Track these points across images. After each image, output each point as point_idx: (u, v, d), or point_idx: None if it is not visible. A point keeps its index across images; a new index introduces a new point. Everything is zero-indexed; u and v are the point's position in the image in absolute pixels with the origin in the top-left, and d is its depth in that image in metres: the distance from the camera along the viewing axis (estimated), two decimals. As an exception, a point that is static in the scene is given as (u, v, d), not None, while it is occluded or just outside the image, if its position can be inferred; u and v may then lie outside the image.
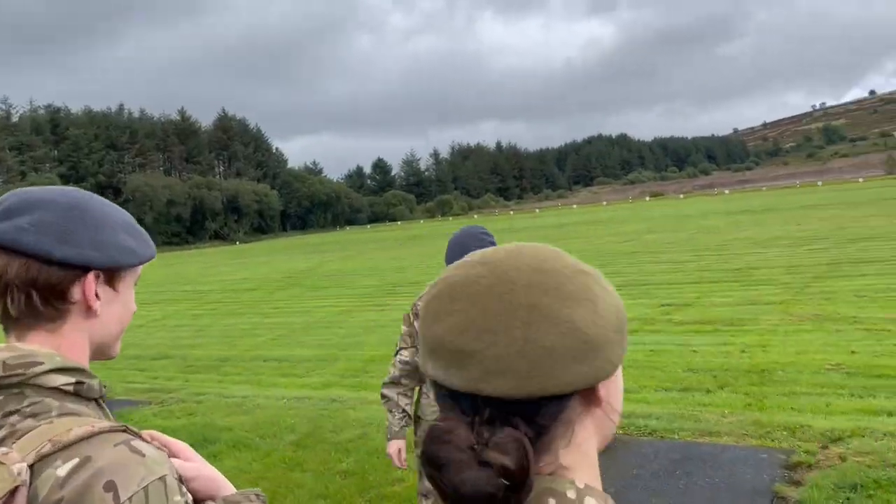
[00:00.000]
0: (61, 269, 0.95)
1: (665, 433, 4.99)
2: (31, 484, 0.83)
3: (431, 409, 2.87)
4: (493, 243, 2.71)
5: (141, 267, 1.07)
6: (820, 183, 79.31)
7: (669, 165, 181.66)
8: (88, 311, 0.99)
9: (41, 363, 0.93)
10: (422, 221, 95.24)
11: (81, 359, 1.00)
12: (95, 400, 0.99)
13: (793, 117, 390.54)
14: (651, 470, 4.04)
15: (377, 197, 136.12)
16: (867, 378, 6.23)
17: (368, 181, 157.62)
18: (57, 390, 0.93)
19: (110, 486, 0.83)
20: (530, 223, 54.72)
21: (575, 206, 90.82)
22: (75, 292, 0.97)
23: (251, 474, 5.13)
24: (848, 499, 3.28)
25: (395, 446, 2.87)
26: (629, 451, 4.52)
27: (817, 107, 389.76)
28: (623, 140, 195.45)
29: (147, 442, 0.93)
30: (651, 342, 8.71)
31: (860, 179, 75.92)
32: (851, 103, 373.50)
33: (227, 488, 1.06)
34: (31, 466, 0.84)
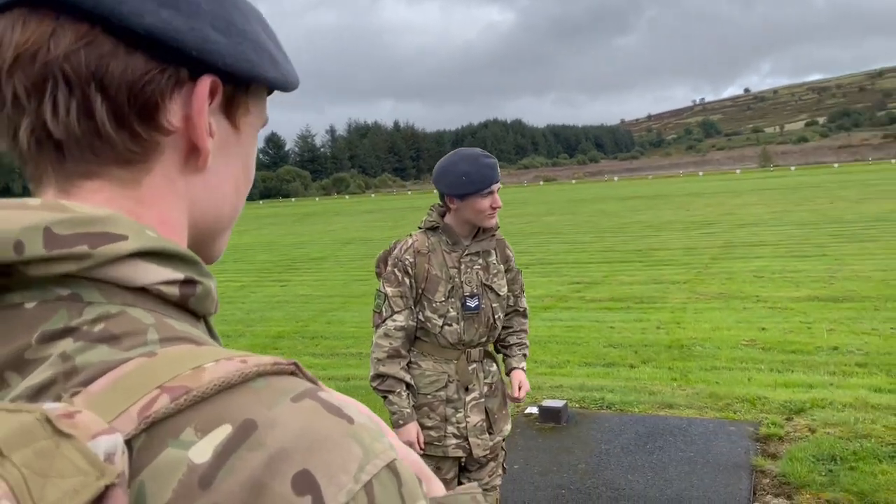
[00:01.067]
0: (152, 59, 0.48)
1: (623, 406, 4.85)
2: (133, 478, 0.38)
3: (427, 379, 2.44)
4: (491, 167, 2.36)
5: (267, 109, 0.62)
6: (701, 173, 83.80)
7: (561, 152, 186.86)
8: (192, 153, 0.52)
9: (123, 237, 0.45)
10: (317, 199, 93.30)
11: (179, 240, 0.53)
12: (205, 319, 0.53)
13: (675, 111, 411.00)
14: (620, 445, 3.88)
15: (270, 172, 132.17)
16: (782, 353, 6.42)
17: (261, 155, 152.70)
18: (148, 294, 0.47)
19: (306, 483, 0.39)
20: (432, 201, 54.62)
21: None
22: (174, 109, 0.50)
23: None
24: (830, 471, 3.23)
25: (413, 430, 2.35)
26: (592, 424, 4.32)
27: (697, 102, 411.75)
28: (518, 126, 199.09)
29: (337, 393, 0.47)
30: (567, 318, 8.73)
31: (737, 171, 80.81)
32: (728, 100, 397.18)
33: (437, 483, 0.57)
34: (129, 442, 0.38)
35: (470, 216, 2.35)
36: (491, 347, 2.56)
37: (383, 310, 2.39)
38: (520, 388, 2.58)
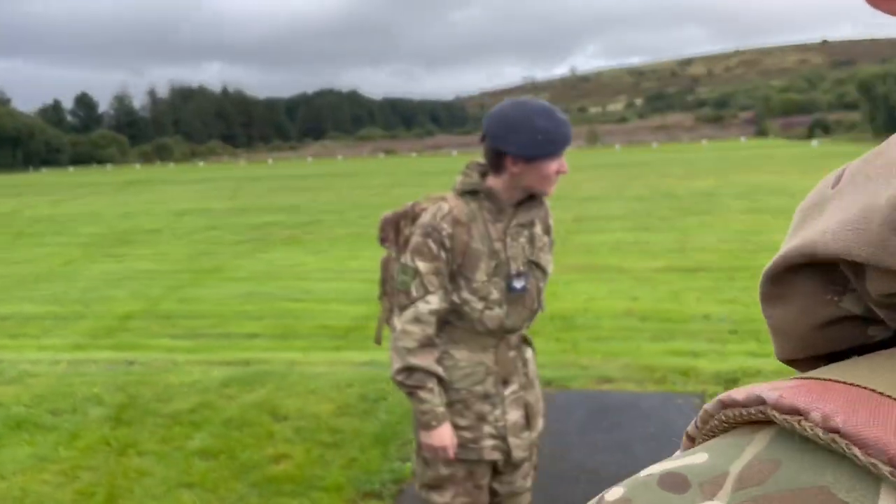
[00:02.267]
0: None
1: (562, 382, 4.63)
2: None
3: (461, 372, 2.03)
4: (568, 125, 1.97)
5: None
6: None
7: (398, 125, 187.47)
8: None
9: None
10: (138, 166, 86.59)
11: None
12: None
13: (507, 88, 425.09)
14: (575, 424, 3.67)
15: (81, 136, 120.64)
16: (659, 322, 6.61)
17: (70, 117, 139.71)
18: None
19: None
20: (269, 172, 52.60)
21: (309, 158, 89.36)
22: None
23: (63, 463, 3.74)
24: None
25: (448, 433, 1.98)
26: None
27: (528, 79, 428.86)
28: (354, 96, 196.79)
29: None
30: (442, 291, 8.54)
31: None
32: (556, 79, 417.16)
33: None
34: None
35: (532, 181, 1.96)
36: (526, 330, 2.20)
37: (413, 289, 1.94)
38: None
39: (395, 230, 2.17)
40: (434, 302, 1.94)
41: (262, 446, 3.73)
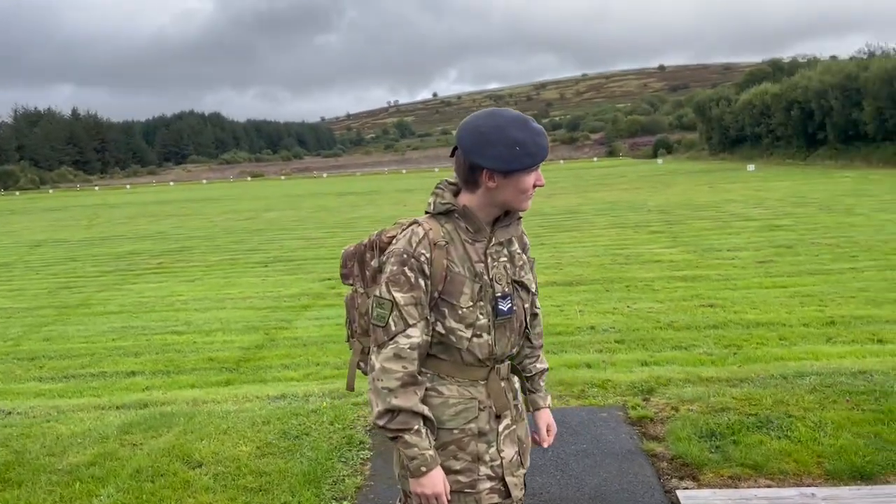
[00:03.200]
0: None
1: None
2: None
3: (452, 409, 1.84)
4: (544, 134, 1.84)
5: None
6: (404, 171, 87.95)
7: (264, 148, 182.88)
8: None
9: None
10: (-24, 196, 79.11)
11: None
12: None
13: (372, 111, 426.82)
14: None
15: None
16: (549, 335, 6.72)
17: None
18: None
19: None
20: (128, 198, 49.56)
21: (171, 183, 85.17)
22: None
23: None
24: (717, 447, 3.30)
25: (440, 479, 1.77)
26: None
27: (392, 103, 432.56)
28: (217, 119, 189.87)
29: None
30: (334, 315, 8.35)
31: (435, 169, 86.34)
32: (419, 103, 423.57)
33: None
34: None
35: (508, 197, 1.81)
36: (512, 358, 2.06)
37: (391, 322, 1.76)
38: (548, 431, 2.10)
39: (359, 263, 2.00)
40: (415, 335, 1.77)
41: (180, 498, 3.30)
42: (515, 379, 2.00)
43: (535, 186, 1.81)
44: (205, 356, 6.81)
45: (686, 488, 2.97)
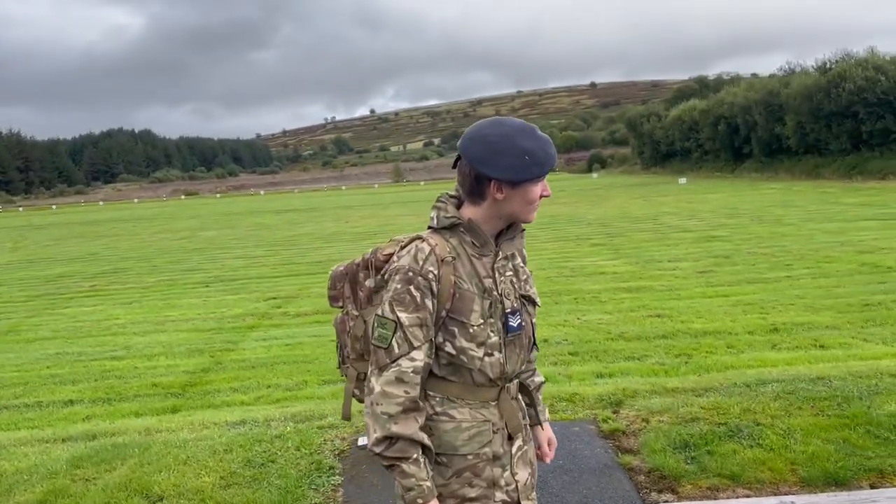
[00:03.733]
0: None
1: None
2: None
3: (465, 434, 1.73)
4: (551, 143, 1.77)
5: None
6: (344, 187, 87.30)
7: (197, 165, 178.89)
8: None
9: None
10: None
11: None
12: None
13: (309, 127, 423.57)
14: None
15: None
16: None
17: None
18: None
19: None
20: (55, 219, 47.58)
21: (101, 203, 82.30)
22: None
23: None
24: (693, 458, 3.29)
25: None
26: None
27: (329, 120, 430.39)
28: (148, 136, 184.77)
29: None
30: (283, 336, 8.17)
31: (375, 186, 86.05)
32: (357, 119, 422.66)
33: None
34: None
35: (516, 208, 1.75)
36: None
37: (395, 344, 1.66)
38: (549, 446, 2.05)
39: (351, 284, 1.91)
40: (419, 358, 1.68)
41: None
42: (525, 398, 1.94)
43: (541, 196, 1.77)
44: (148, 382, 6.54)
45: (666, 501, 2.96)
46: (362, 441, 3.67)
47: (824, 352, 6.05)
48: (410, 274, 1.68)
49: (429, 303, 1.67)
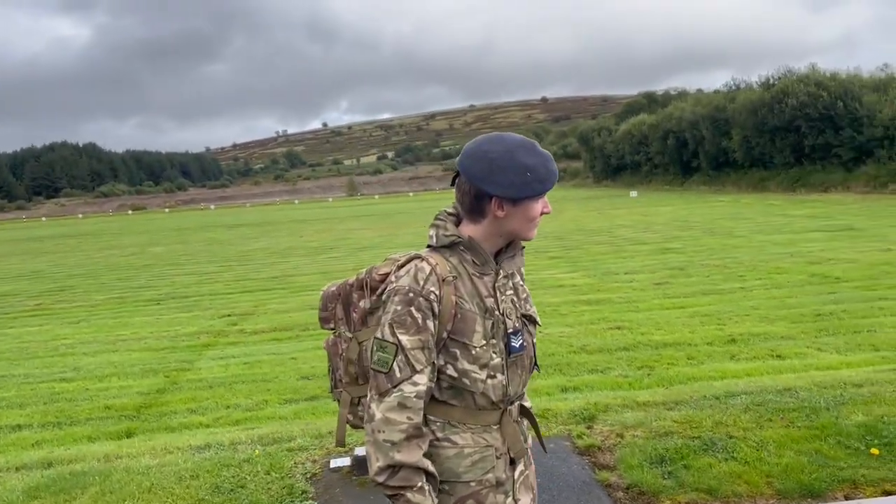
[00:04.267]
0: None
1: None
2: None
3: (468, 460, 1.67)
4: (552, 159, 1.72)
5: None
6: (297, 201, 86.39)
7: (145, 180, 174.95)
8: None
9: None
10: None
11: None
12: None
13: (260, 140, 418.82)
14: None
15: None
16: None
17: None
18: None
19: None
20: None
21: (44, 218, 79.80)
22: None
23: None
24: (670, 473, 3.27)
25: None
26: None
27: (280, 133, 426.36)
28: (93, 150, 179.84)
29: None
30: (240, 354, 7.99)
31: (329, 199, 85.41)
32: (309, 133, 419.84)
33: None
34: None
35: (517, 225, 1.71)
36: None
37: (396, 368, 1.59)
38: None
39: (344, 305, 1.83)
40: (422, 382, 1.61)
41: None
42: (526, 420, 1.89)
43: (542, 213, 1.73)
44: (100, 404, 6.31)
45: (647, 518, 2.95)
46: (335, 463, 3.58)
47: (782, 362, 6.17)
48: (411, 295, 1.61)
49: (430, 324, 1.60)
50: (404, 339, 1.59)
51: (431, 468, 1.61)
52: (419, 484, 1.58)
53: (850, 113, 32.50)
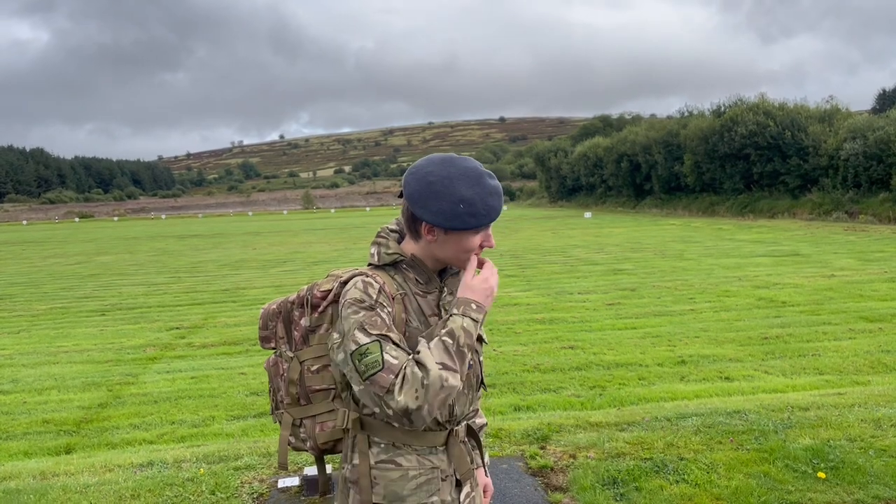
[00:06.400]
0: None
1: None
2: None
3: (412, 483, 1.62)
4: (499, 194, 1.67)
5: None
6: (251, 213, 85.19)
7: (94, 187, 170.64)
8: None
9: None
10: None
11: None
12: None
13: (214, 151, 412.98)
14: None
15: None
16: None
17: None
18: None
19: None
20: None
21: (-16, 224, 77.06)
22: None
23: None
24: (622, 495, 3.25)
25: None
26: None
27: (236, 143, 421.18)
28: (40, 154, 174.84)
29: None
30: (188, 369, 7.79)
31: (284, 212, 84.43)
32: (265, 144, 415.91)
33: None
34: None
35: (449, 254, 1.65)
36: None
37: (389, 358, 1.50)
38: (485, 492, 1.92)
39: (285, 323, 1.76)
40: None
41: None
42: (473, 440, 1.85)
43: (482, 247, 1.69)
44: (38, 418, 6.07)
45: (598, 540, 2.94)
46: (283, 483, 3.47)
47: (730, 384, 6.28)
48: (371, 302, 1.56)
49: (387, 319, 1.55)
50: (382, 332, 1.53)
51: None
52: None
53: (796, 142, 33.64)
